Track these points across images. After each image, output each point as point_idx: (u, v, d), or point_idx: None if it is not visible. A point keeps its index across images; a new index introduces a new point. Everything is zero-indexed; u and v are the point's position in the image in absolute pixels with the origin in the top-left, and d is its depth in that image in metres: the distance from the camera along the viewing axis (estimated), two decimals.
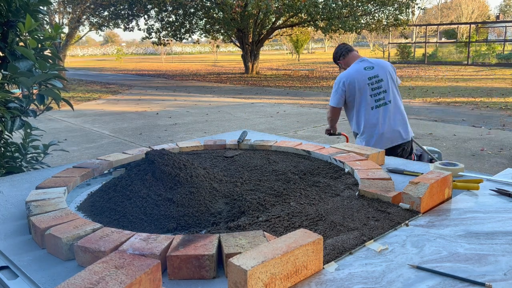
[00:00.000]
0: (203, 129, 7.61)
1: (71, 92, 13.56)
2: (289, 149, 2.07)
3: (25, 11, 2.06)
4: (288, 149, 2.07)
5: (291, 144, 2.11)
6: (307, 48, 53.71)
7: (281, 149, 2.10)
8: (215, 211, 1.31)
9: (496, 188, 1.47)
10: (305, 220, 1.23)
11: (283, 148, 2.09)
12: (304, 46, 36.41)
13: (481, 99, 10.67)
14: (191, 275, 0.97)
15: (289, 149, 2.07)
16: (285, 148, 2.08)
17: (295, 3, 15.19)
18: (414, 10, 21.39)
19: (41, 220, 1.17)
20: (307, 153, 2.00)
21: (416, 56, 27.22)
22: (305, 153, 2.00)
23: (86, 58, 56.62)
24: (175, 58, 47.02)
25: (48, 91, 2.05)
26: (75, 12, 17.29)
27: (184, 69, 27.48)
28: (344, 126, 7.69)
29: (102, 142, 6.76)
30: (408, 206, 1.29)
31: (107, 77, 21.00)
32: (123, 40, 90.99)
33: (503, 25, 28.38)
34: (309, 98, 11.73)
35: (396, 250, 1.05)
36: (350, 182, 1.58)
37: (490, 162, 5.22)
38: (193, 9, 19.23)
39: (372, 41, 49.80)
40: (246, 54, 20.36)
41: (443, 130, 7.14)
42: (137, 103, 11.25)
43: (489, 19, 43.63)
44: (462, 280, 0.91)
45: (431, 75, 17.98)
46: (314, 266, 0.94)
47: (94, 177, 1.73)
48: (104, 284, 0.72)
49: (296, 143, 2.12)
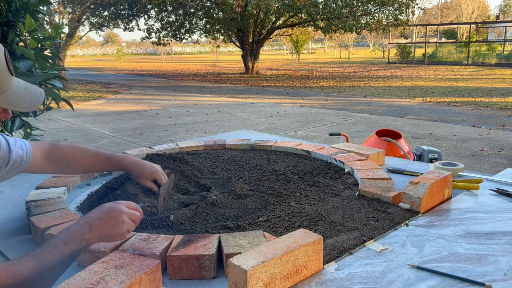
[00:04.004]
0: (203, 129, 7.61)
1: (71, 92, 13.55)
2: (289, 149, 2.07)
3: (25, 11, 2.06)
4: (288, 149, 2.07)
5: (291, 144, 2.11)
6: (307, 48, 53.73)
7: (281, 149, 2.10)
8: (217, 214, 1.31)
9: (496, 188, 1.47)
10: (305, 220, 1.23)
11: (283, 148, 2.09)
12: (304, 46, 36.41)
13: (481, 99, 10.67)
14: (191, 275, 0.97)
15: (289, 149, 2.07)
16: (285, 148, 2.08)
17: (295, 3, 15.18)
18: (414, 10, 21.38)
19: (41, 220, 1.17)
20: (307, 153, 2.00)
21: (416, 56, 27.23)
22: (305, 153, 2.00)
23: (86, 58, 56.63)
24: (175, 58, 47.03)
25: (48, 91, 2.06)
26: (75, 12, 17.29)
27: (184, 69, 27.48)
28: (344, 126, 7.69)
29: (102, 142, 6.76)
30: (408, 206, 1.29)
31: (107, 77, 21.00)
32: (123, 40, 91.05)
33: (503, 25, 28.39)
34: (309, 98, 11.73)
35: (396, 250, 1.05)
36: (350, 182, 1.58)
37: (490, 162, 5.22)
38: (193, 9, 19.23)
39: (372, 41, 49.81)
40: (246, 54, 20.36)
41: (443, 130, 7.14)
42: (137, 103, 11.25)
43: (489, 19, 43.64)
44: (462, 280, 0.91)
45: (431, 75, 17.98)
46: (314, 266, 0.94)
47: (94, 177, 1.73)
48: (104, 284, 0.72)
49: (296, 143, 2.12)
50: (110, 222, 0.93)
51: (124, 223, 0.95)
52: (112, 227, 0.93)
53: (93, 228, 0.91)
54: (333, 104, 10.54)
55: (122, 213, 0.95)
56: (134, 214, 0.98)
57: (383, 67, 24.42)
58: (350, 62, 30.73)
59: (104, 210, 0.95)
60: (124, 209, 0.97)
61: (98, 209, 0.96)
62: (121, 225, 0.94)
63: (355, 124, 7.85)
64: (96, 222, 0.93)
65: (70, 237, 0.89)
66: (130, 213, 0.97)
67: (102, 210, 0.95)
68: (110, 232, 0.93)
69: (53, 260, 0.84)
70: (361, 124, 7.81)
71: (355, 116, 8.71)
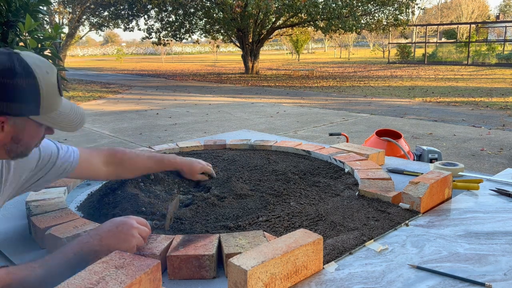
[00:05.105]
0: (203, 129, 7.61)
1: (71, 92, 13.55)
2: (289, 149, 2.07)
3: (25, 11, 2.06)
4: (288, 149, 2.07)
5: (291, 144, 2.11)
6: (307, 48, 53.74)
7: (281, 149, 2.09)
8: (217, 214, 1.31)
9: (496, 188, 1.47)
10: (305, 220, 1.23)
11: (283, 148, 2.09)
12: (304, 46, 36.43)
13: (481, 99, 10.67)
14: (191, 275, 0.97)
15: (289, 149, 2.07)
16: (285, 148, 2.08)
17: (295, 3, 15.19)
18: (414, 10, 21.39)
19: (41, 220, 1.17)
20: (307, 153, 2.00)
21: (416, 56, 27.24)
22: (305, 153, 2.00)
23: (86, 58, 56.65)
24: (175, 58, 47.04)
25: None
26: (75, 12, 17.29)
27: (184, 69, 27.48)
28: (344, 126, 7.69)
29: (102, 142, 6.76)
30: (408, 206, 1.29)
31: (107, 77, 21.00)
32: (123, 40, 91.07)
33: (503, 25, 28.40)
34: (309, 98, 11.73)
35: (396, 250, 1.05)
36: (350, 182, 1.58)
37: (490, 162, 5.22)
38: (193, 9, 19.24)
39: (372, 41, 49.83)
40: (246, 54, 20.37)
41: (443, 130, 7.14)
42: (137, 103, 11.25)
43: (489, 19, 43.64)
44: (462, 280, 0.91)
45: (431, 75, 17.98)
46: (314, 266, 0.94)
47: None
48: (104, 284, 0.72)
49: (296, 143, 2.12)
50: (120, 236, 0.94)
51: (133, 237, 0.96)
52: (121, 240, 0.94)
53: (103, 240, 0.93)
54: (333, 104, 10.54)
55: (132, 228, 0.96)
56: (144, 230, 1.00)
57: (383, 67, 24.42)
58: (350, 62, 30.74)
59: (114, 224, 0.97)
60: (134, 224, 0.98)
61: (109, 222, 0.98)
62: (131, 239, 0.95)
63: (355, 124, 7.85)
64: (106, 234, 0.94)
65: (79, 248, 0.91)
66: (140, 229, 0.98)
67: (113, 224, 0.97)
68: (119, 245, 0.93)
69: (61, 268, 0.86)
70: (361, 124, 7.81)
71: (355, 116, 8.71)
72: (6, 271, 0.81)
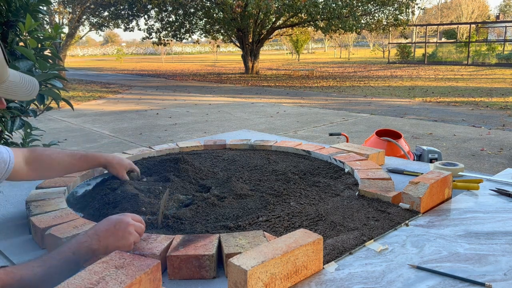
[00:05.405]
0: (203, 129, 7.61)
1: (71, 92, 13.56)
2: (289, 149, 2.07)
3: (25, 11, 2.06)
4: (288, 149, 2.07)
5: (291, 144, 2.11)
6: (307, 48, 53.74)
7: (281, 149, 2.09)
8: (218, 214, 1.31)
9: (496, 188, 1.47)
10: (305, 220, 1.23)
11: (283, 148, 2.09)
12: (304, 46, 36.42)
13: (481, 99, 10.67)
14: (191, 275, 0.97)
15: (289, 149, 2.07)
16: (285, 148, 2.08)
17: (295, 3, 15.19)
18: (414, 10, 21.38)
19: (41, 220, 1.17)
20: (307, 153, 2.00)
21: (416, 56, 27.25)
22: (305, 153, 2.00)
23: (86, 58, 56.65)
24: (175, 58, 47.04)
25: (48, 91, 2.05)
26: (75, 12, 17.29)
27: (184, 69, 27.48)
28: (344, 126, 7.69)
29: (102, 142, 6.76)
30: (408, 206, 1.29)
31: (107, 77, 21.00)
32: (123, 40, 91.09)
33: (503, 25, 28.40)
34: (309, 98, 11.73)
35: (396, 250, 1.05)
36: (350, 182, 1.58)
37: (490, 162, 5.22)
38: (193, 9, 19.24)
39: (372, 41, 49.83)
40: (246, 54, 20.37)
41: (443, 130, 7.14)
42: (137, 103, 11.25)
43: (489, 19, 43.64)
44: (462, 280, 0.91)
45: (431, 75, 17.98)
46: (314, 266, 0.94)
47: (94, 177, 1.73)
48: (104, 284, 0.72)
49: (296, 143, 2.12)
50: (117, 234, 0.95)
51: (131, 234, 0.96)
52: (119, 238, 0.95)
53: (101, 239, 0.93)
54: (333, 104, 10.54)
55: (129, 225, 0.97)
56: (139, 227, 1.00)
57: (383, 67, 24.42)
58: (350, 62, 30.73)
59: (111, 222, 0.97)
60: (130, 221, 0.98)
61: (105, 221, 0.98)
62: (128, 236, 0.96)
63: (355, 124, 7.85)
64: (104, 233, 0.94)
65: (78, 247, 0.91)
66: (136, 225, 0.99)
67: (110, 222, 0.97)
68: (117, 243, 0.94)
69: (60, 268, 0.87)
70: (361, 124, 7.81)
71: (355, 116, 8.71)
72: (6, 271, 0.81)
